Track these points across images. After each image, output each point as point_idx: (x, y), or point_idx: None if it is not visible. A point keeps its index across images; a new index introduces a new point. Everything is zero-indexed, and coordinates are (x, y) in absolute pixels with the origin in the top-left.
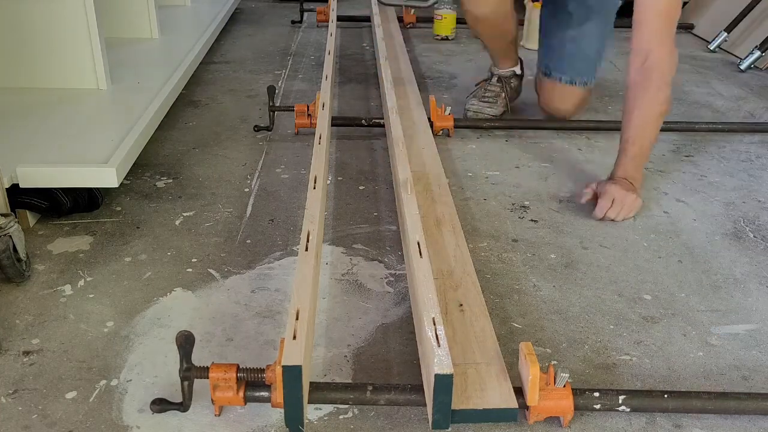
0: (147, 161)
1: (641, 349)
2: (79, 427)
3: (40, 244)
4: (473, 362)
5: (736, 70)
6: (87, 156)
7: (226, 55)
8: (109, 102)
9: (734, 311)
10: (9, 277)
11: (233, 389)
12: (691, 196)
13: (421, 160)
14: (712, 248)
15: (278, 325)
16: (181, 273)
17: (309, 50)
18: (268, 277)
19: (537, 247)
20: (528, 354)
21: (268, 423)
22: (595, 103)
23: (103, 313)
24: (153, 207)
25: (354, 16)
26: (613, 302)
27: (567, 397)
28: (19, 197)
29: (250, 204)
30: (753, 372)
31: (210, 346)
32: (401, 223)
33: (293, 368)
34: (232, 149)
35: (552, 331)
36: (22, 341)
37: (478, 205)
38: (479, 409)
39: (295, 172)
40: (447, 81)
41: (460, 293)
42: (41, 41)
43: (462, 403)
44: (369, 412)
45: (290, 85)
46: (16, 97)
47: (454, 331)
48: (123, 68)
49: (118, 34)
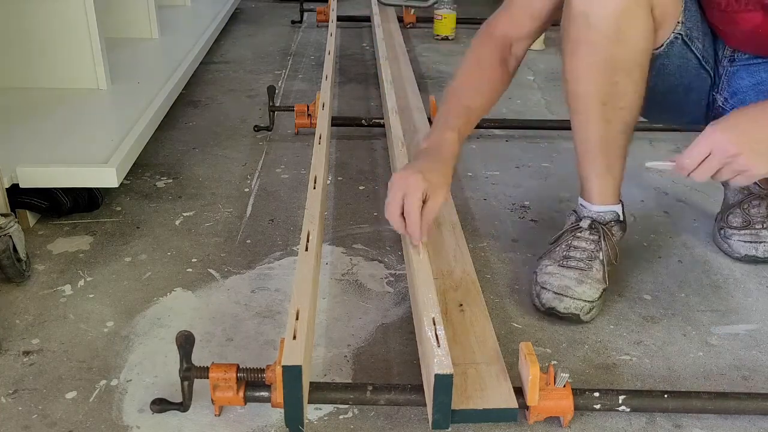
0: (147, 161)
1: (641, 349)
2: (79, 427)
3: (40, 244)
4: (473, 362)
5: None
6: (87, 156)
7: (226, 55)
8: (109, 102)
9: (734, 311)
10: (9, 277)
11: (233, 389)
12: (691, 196)
13: None
14: (712, 248)
15: (278, 325)
16: (181, 273)
17: (309, 50)
18: (268, 277)
19: (537, 247)
20: (528, 354)
21: (268, 423)
22: None
23: (103, 313)
24: (153, 207)
25: (354, 16)
26: (613, 302)
27: (567, 397)
28: (19, 197)
29: (250, 204)
30: (753, 372)
31: (210, 346)
32: None
33: (293, 368)
34: (232, 149)
35: (552, 331)
36: (22, 341)
37: (478, 205)
38: (479, 409)
39: (295, 172)
40: (447, 81)
41: (460, 293)
42: (41, 41)
43: (462, 403)
44: (369, 412)
45: (290, 85)
46: (16, 97)
47: (454, 331)
48: (123, 68)
49: (118, 34)
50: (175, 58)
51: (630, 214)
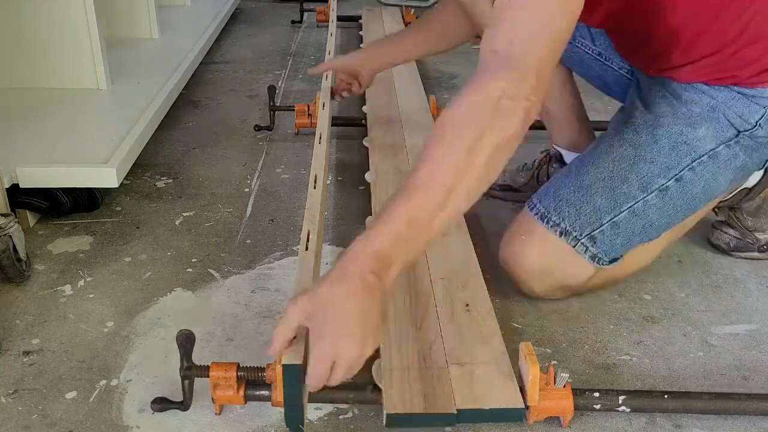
0: (147, 161)
1: (641, 349)
2: (79, 427)
3: (40, 244)
4: (480, 362)
5: None
6: (87, 156)
7: (226, 55)
8: (109, 102)
9: (734, 311)
10: (9, 277)
11: (233, 388)
12: None
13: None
14: (712, 248)
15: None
16: (181, 273)
17: (309, 50)
18: (268, 277)
19: None
20: (528, 354)
21: (269, 423)
22: (596, 103)
23: (103, 313)
24: (153, 207)
25: (354, 16)
26: (613, 302)
27: (567, 397)
28: (19, 197)
29: (250, 204)
30: (753, 372)
31: (210, 346)
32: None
33: (292, 367)
34: (232, 149)
35: (552, 331)
36: (22, 341)
37: (480, 204)
38: (486, 409)
39: (295, 172)
40: (447, 81)
41: (466, 294)
42: (41, 41)
43: (468, 402)
44: (369, 412)
45: (290, 85)
46: (16, 97)
47: (460, 331)
48: (123, 68)
49: (118, 34)
50: (175, 58)
51: None
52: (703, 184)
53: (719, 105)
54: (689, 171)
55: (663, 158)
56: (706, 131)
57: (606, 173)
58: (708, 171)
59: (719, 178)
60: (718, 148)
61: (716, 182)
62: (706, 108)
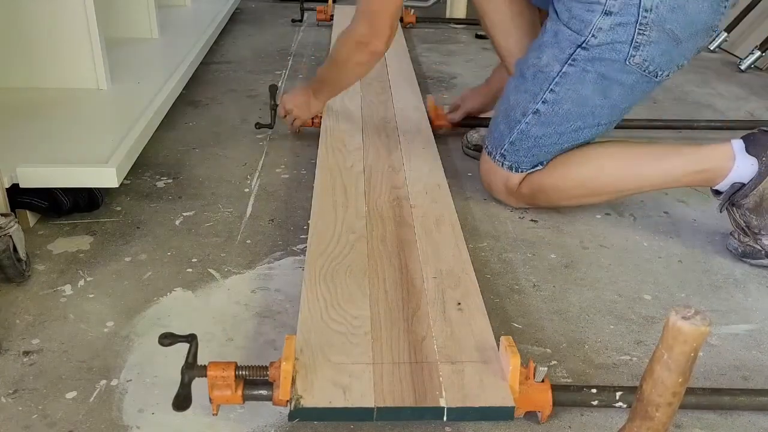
0: (147, 161)
1: (641, 349)
2: (79, 427)
3: (40, 244)
4: (470, 360)
5: (736, 70)
6: (87, 156)
7: (226, 55)
8: (109, 102)
9: (734, 311)
10: (9, 277)
11: (231, 387)
12: (691, 196)
13: (421, 159)
14: (712, 248)
15: (278, 325)
16: (181, 273)
17: (309, 50)
18: (268, 277)
19: (537, 247)
20: (508, 346)
21: (269, 423)
22: None
23: (103, 313)
24: (153, 207)
25: None
26: (613, 302)
27: (545, 392)
28: (19, 197)
29: (250, 204)
30: (753, 372)
31: (210, 346)
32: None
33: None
34: (232, 149)
35: (552, 331)
36: (22, 341)
37: (478, 205)
38: (476, 407)
39: (295, 172)
40: (447, 81)
41: (458, 292)
42: (41, 41)
43: (459, 400)
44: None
45: (291, 85)
46: (16, 97)
47: (452, 329)
48: (123, 68)
49: (118, 34)
50: (175, 58)
51: (630, 214)
52: (569, 101)
53: (561, 29)
54: (550, 93)
55: (530, 86)
56: (549, 57)
57: (505, 104)
58: (567, 89)
59: (582, 92)
60: (564, 68)
61: (583, 97)
62: (550, 34)
